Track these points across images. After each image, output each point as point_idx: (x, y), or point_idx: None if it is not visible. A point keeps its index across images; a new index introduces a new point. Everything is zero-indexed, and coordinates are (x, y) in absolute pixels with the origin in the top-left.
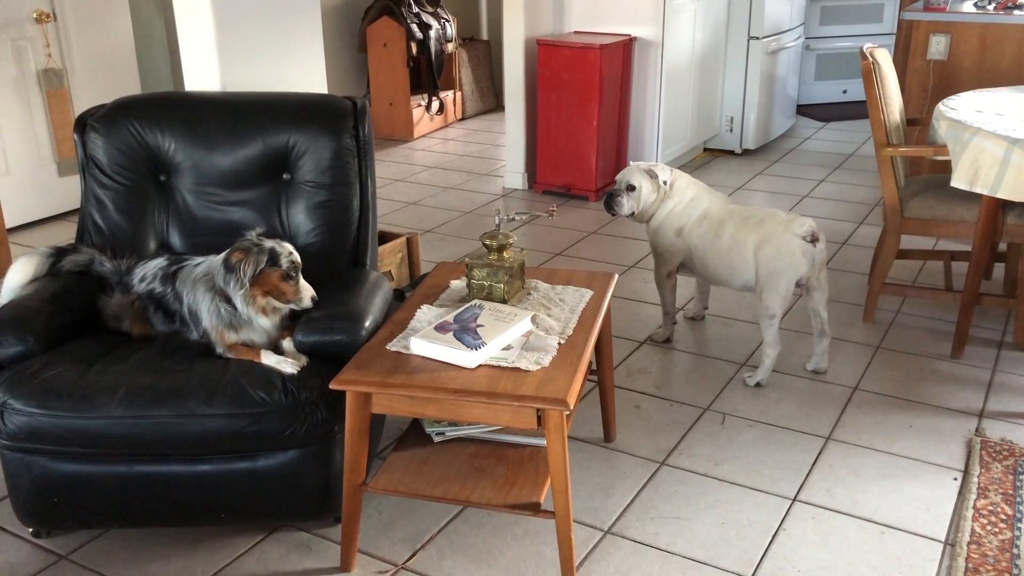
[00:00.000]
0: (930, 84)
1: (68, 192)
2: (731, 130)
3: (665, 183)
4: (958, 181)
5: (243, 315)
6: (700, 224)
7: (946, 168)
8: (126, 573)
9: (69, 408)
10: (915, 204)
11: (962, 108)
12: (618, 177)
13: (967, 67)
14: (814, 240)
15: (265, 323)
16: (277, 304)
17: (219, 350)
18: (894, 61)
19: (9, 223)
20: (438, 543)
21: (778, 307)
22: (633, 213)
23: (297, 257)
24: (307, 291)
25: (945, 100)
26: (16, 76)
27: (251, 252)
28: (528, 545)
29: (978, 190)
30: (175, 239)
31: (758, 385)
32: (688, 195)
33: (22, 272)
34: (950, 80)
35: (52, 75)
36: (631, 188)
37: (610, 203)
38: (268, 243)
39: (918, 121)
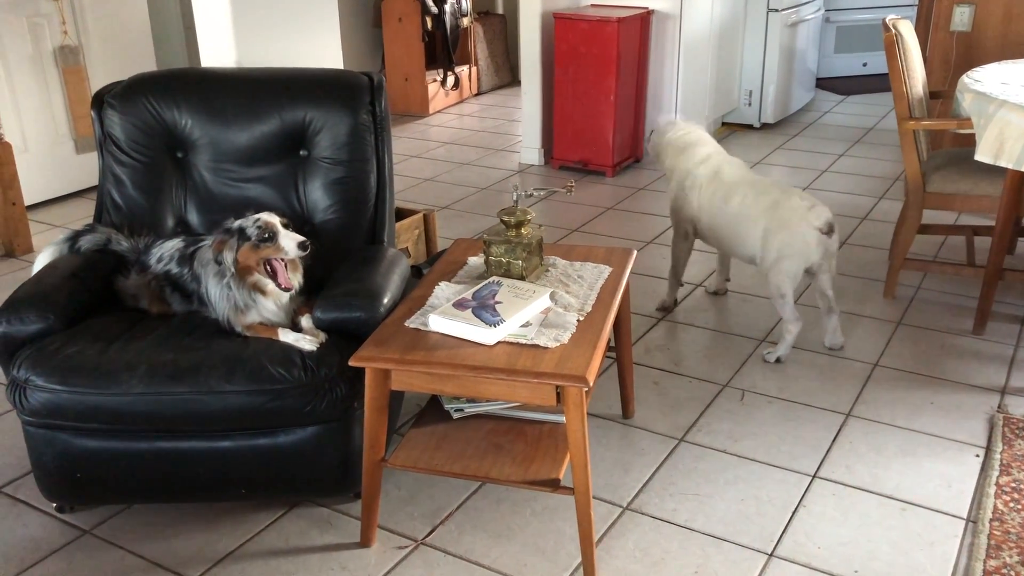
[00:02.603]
0: (953, 56)
1: (86, 169)
2: (750, 104)
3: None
4: (982, 155)
5: (241, 300)
6: (710, 184)
7: (969, 142)
8: (149, 548)
9: (90, 385)
10: (938, 178)
11: (987, 80)
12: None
13: (991, 38)
14: (830, 232)
15: (267, 303)
16: (264, 280)
17: (238, 329)
18: (916, 33)
19: (28, 200)
20: (457, 519)
21: (787, 287)
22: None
23: (267, 219)
24: (289, 240)
25: (969, 72)
26: (32, 54)
27: (225, 240)
28: (547, 521)
29: (1003, 164)
30: (193, 216)
31: (778, 361)
32: (698, 156)
33: (44, 262)
34: (974, 52)
35: (68, 52)
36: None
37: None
38: (236, 224)
39: (941, 94)
